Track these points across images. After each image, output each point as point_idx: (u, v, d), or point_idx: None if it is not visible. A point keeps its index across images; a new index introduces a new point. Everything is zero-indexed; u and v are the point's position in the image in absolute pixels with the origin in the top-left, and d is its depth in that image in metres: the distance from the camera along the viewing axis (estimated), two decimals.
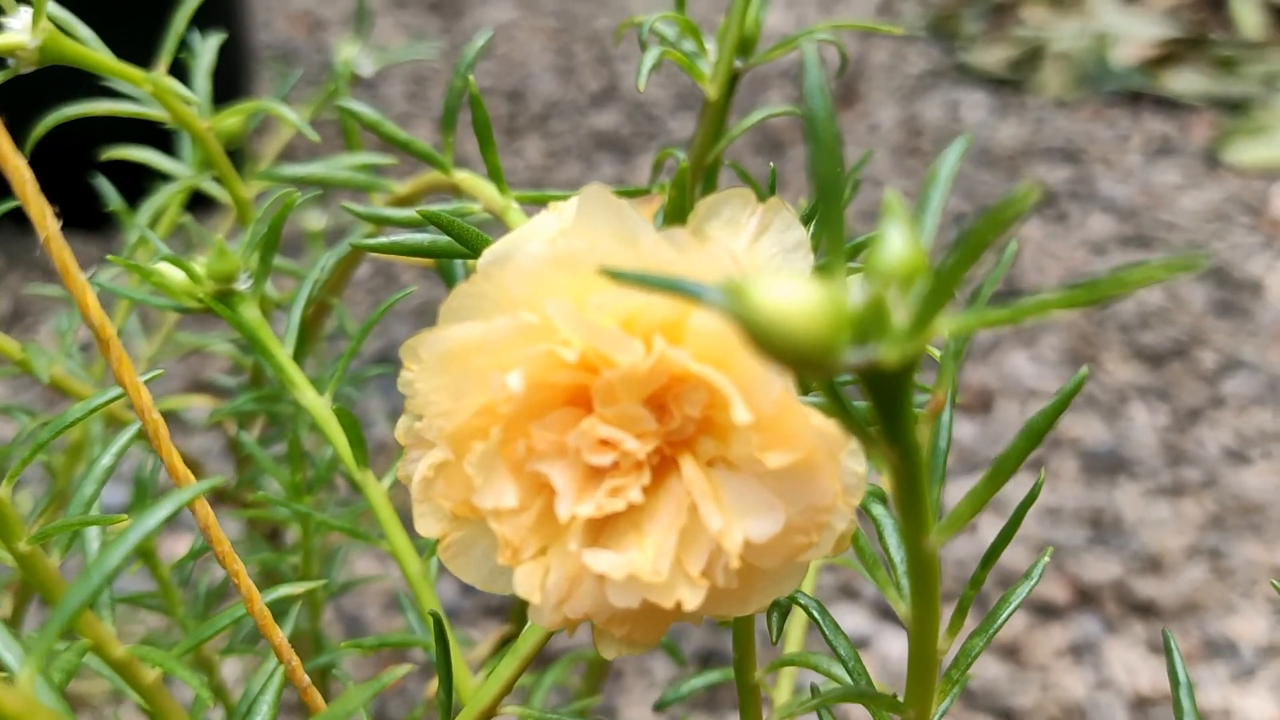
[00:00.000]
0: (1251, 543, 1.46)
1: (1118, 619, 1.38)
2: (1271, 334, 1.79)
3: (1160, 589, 1.41)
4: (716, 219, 0.33)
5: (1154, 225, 2.04)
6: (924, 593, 0.30)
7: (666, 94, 2.52)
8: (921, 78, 2.57)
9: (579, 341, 0.30)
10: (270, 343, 0.48)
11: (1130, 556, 1.45)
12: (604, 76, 2.61)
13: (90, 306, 0.31)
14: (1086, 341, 1.80)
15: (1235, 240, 1.99)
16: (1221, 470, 1.57)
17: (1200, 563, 1.44)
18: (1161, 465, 1.58)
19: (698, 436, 0.32)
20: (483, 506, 0.31)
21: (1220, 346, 1.77)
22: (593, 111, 2.46)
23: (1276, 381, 1.70)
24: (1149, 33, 2.48)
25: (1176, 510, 1.51)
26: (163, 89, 0.52)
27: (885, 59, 2.63)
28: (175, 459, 0.35)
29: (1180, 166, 2.18)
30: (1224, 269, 1.92)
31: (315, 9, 2.91)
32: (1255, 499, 1.52)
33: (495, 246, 0.33)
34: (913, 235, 0.24)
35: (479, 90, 0.47)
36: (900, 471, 0.27)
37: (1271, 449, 1.59)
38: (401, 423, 0.34)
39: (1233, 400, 1.68)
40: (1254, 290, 1.88)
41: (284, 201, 0.46)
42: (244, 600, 0.37)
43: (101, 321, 0.32)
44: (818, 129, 0.24)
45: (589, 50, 2.72)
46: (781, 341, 0.23)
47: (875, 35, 2.72)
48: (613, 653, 0.33)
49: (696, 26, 0.52)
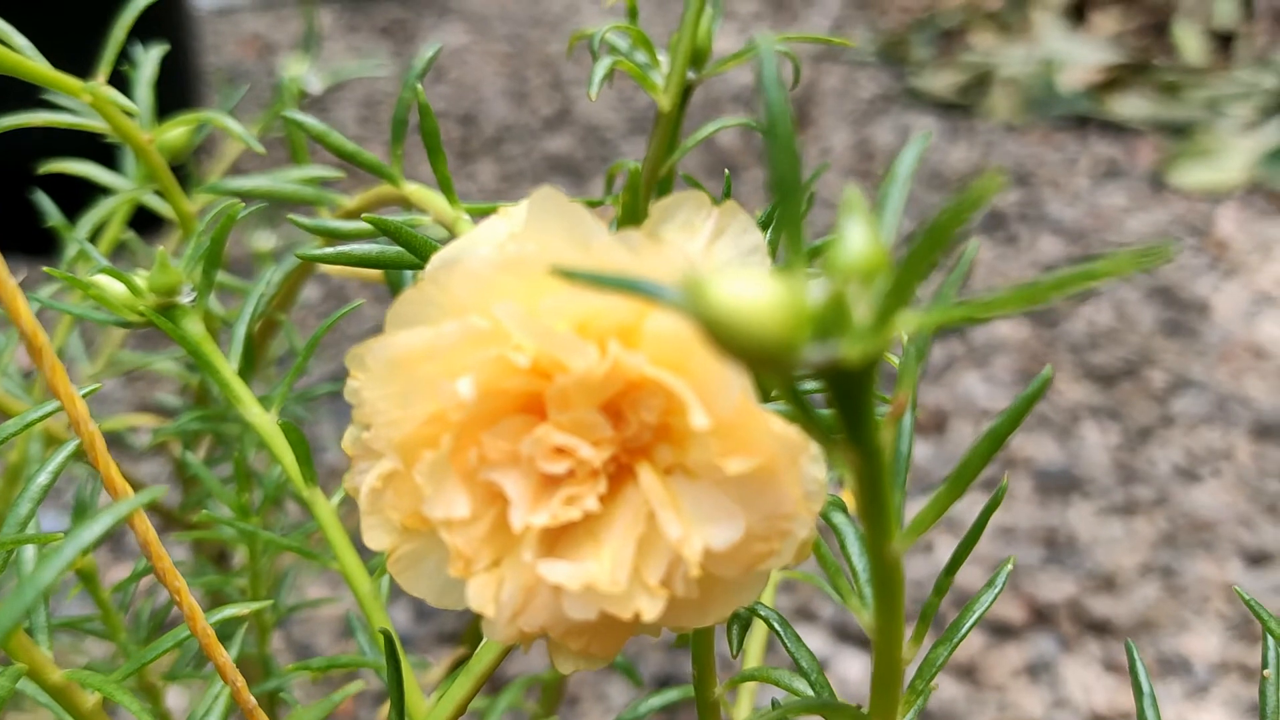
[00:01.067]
0: (1203, 560, 1.47)
1: (1073, 638, 1.38)
2: (1219, 353, 1.81)
3: (1115, 607, 1.41)
4: (671, 222, 0.32)
5: (1102, 246, 2.06)
6: (887, 600, 0.29)
7: (619, 117, 2.52)
8: (873, 102, 2.58)
9: (531, 346, 0.29)
10: (214, 357, 0.47)
11: (1085, 575, 1.45)
12: (556, 101, 2.61)
13: (21, 313, 0.30)
14: (1038, 362, 1.81)
15: (1182, 261, 2.01)
16: (1172, 488, 1.58)
17: (1153, 580, 1.44)
18: (1114, 484, 1.58)
19: (655, 444, 0.31)
20: (433, 517, 0.30)
21: (1169, 366, 1.79)
22: (545, 135, 2.45)
23: (1225, 400, 1.71)
24: (1094, 58, 2.51)
25: (1129, 529, 1.52)
26: (102, 99, 0.51)
27: (837, 84, 2.65)
28: (113, 471, 0.34)
29: (1127, 189, 2.20)
30: (1171, 289, 1.94)
31: (265, 32, 2.89)
32: (1206, 517, 1.53)
33: (443, 252, 0.32)
34: (873, 232, 0.24)
35: (433, 112, 0.46)
36: (863, 474, 0.26)
37: (1221, 467, 1.61)
38: (348, 433, 0.33)
39: (1182, 419, 1.69)
40: (1201, 310, 1.89)
41: (227, 213, 0.45)
42: (186, 619, 0.35)
43: (33, 329, 0.31)
44: (775, 124, 0.23)
45: (541, 75, 2.72)
46: (741, 338, 0.22)
47: (827, 61, 2.74)
48: (569, 667, 0.32)
49: (649, 39, 0.52)
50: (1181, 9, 2.60)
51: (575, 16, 3.04)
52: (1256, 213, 2.11)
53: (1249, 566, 1.46)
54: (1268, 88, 2.32)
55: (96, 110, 0.52)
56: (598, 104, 2.59)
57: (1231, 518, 1.52)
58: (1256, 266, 1.98)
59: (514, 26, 2.97)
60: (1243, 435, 1.65)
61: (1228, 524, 1.52)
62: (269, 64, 2.71)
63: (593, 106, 2.57)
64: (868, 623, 0.32)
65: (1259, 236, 2.05)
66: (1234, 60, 2.47)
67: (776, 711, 0.33)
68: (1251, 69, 2.40)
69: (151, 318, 0.45)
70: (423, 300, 0.30)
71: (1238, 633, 1.37)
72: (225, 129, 0.55)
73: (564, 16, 3.04)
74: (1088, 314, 1.90)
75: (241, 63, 2.71)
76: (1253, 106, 2.30)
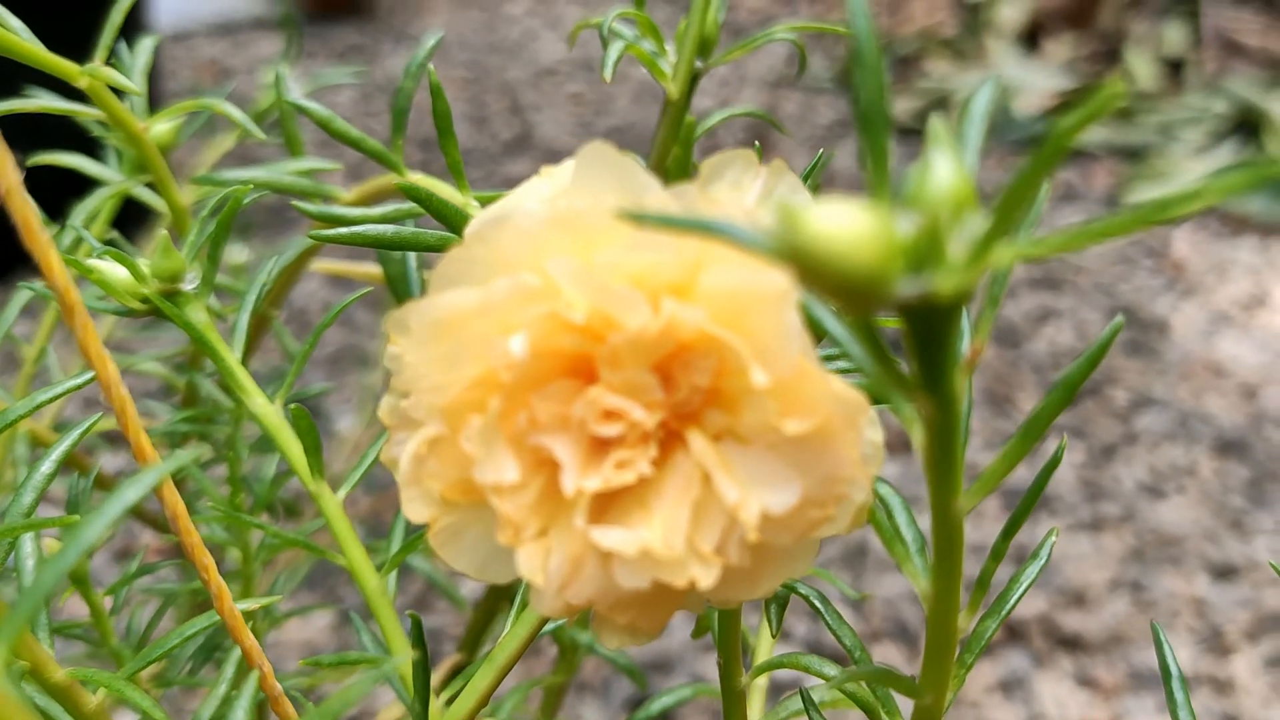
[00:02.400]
0: (1170, 574, 1.47)
1: (1045, 653, 1.38)
2: (1179, 371, 1.82)
3: (1085, 622, 1.41)
4: (720, 181, 0.31)
5: (1062, 269, 2.07)
6: (948, 562, 0.29)
7: (579, 142, 2.51)
8: (831, 128, 2.60)
9: (585, 303, 0.28)
10: (219, 346, 0.45)
11: (1055, 591, 1.45)
12: (516, 126, 2.60)
13: (54, 268, 0.29)
14: (1002, 381, 1.82)
15: (1140, 282, 2.04)
16: (1138, 504, 1.58)
17: (1122, 595, 1.45)
18: (1081, 501, 1.59)
19: (704, 409, 0.30)
20: (483, 482, 0.29)
21: (1131, 385, 1.80)
22: (506, 160, 2.45)
23: (1186, 417, 1.73)
24: (1048, 84, 2.54)
25: (1097, 544, 1.52)
26: (101, 82, 0.49)
27: (795, 110, 2.66)
28: (143, 439, 0.33)
29: (1084, 212, 2.23)
30: (1131, 310, 1.96)
31: (221, 57, 2.87)
32: (1172, 532, 1.53)
33: (486, 212, 0.31)
34: (959, 164, 0.23)
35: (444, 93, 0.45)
36: (937, 424, 0.25)
37: (1184, 483, 1.62)
38: (385, 402, 0.32)
39: (1145, 436, 1.70)
40: (1161, 330, 1.91)
41: (234, 196, 0.44)
42: (214, 599, 0.34)
43: (66, 285, 0.29)
44: (863, 53, 0.23)
45: (501, 100, 2.72)
46: (834, 270, 0.22)
47: (785, 87, 2.76)
48: (615, 642, 0.31)
49: (656, 26, 0.51)
50: (1132, 36, 2.64)
51: (533, 43, 3.04)
52: (1211, 234, 2.14)
53: (1216, 580, 1.47)
54: (1218, 113, 2.36)
55: (92, 96, 0.50)
56: (558, 128, 2.59)
57: (1197, 533, 1.53)
58: (1213, 287, 2.01)
59: (472, 53, 2.97)
60: (1205, 452, 1.67)
61: (1194, 539, 1.53)
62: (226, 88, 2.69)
63: (553, 131, 2.57)
64: (924, 589, 0.31)
65: (1214, 257, 2.08)
66: (1185, 86, 2.51)
67: (843, 675, 0.32)
68: (1202, 94, 2.44)
69: (157, 303, 0.44)
70: (469, 259, 0.29)
71: (1207, 646, 1.38)
72: (224, 114, 0.54)
73: (521, 43, 3.04)
74: (1049, 335, 1.92)
75: (198, 87, 2.68)
76: (1204, 131, 2.33)
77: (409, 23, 3.14)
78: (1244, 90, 2.41)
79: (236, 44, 2.94)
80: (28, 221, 0.28)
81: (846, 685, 0.36)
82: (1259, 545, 1.51)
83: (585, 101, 2.70)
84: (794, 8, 3.19)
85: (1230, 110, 2.36)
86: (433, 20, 3.17)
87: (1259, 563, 1.49)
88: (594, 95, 2.74)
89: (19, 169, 0.28)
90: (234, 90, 1.00)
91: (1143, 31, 2.65)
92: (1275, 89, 2.41)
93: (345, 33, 3.04)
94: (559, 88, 2.77)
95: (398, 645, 0.46)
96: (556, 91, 2.75)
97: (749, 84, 2.76)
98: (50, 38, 0.50)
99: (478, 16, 3.18)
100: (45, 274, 0.29)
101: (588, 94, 2.73)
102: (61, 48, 0.51)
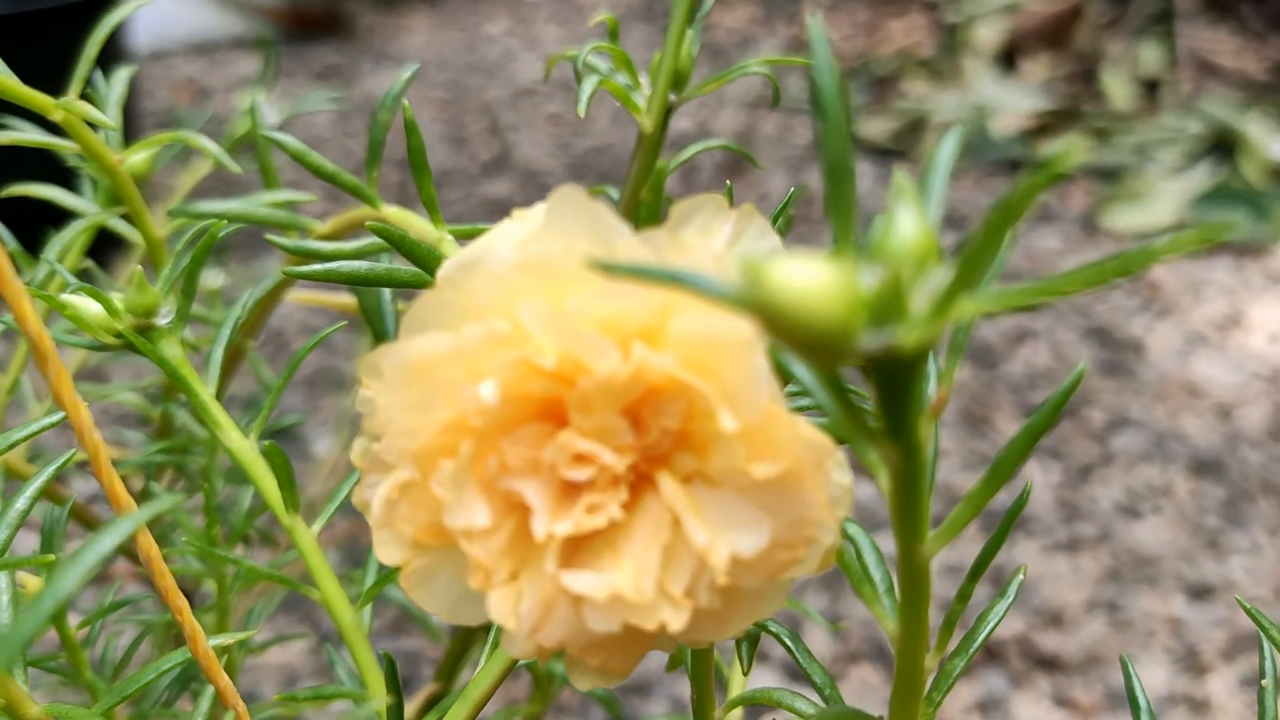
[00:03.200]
0: (1147, 595, 1.48)
1: (1023, 674, 1.39)
2: (1155, 392, 1.83)
3: (1062, 643, 1.42)
4: (689, 225, 0.32)
5: None
6: (915, 604, 0.29)
7: (558, 163, 2.53)
8: (808, 148, 2.61)
9: (555, 347, 0.29)
10: (193, 381, 0.45)
11: (1032, 611, 1.46)
12: (495, 146, 2.60)
13: (27, 315, 0.29)
14: (979, 403, 1.83)
15: (1116, 303, 2.05)
16: (1115, 525, 1.59)
17: (1099, 616, 1.45)
18: (1057, 521, 1.60)
19: (674, 452, 0.30)
20: (453, 526, 0.29)
21: (1107, 405, 1.81)
22: (484, 180, 2.45)
23: (1162, 438, 1.74)
24: (1025, 105, 2.56)
25: (1074, 565, 1.53)
26: (76, 116, 0.49)
27: (773, 130, 2.68)
28: (117, 484, 0.33)
29: (1060, 232, 2.24)
30: (1107, 330, 1.97)
31: (199, 77, 2.87)
32: (1148, 552, 1.54)
33: (458, 255, 0.32)
34: (922, 218, 0.24)
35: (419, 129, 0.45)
36: (901, 472, 0.26)
37: (1160, 503, 1.63)
38: (357, 445, 0.32)
39: (1122, 457, 1.71)
40: (1136, 350, 1.93)
41: (209, 231, 0.44)
42: (188, 640, 0.34)
43: (39, 331, 0.29)
44: (826, 105, 0.23)
45: (479, 121, 2.72)
46: (798, 323, 0.22)
47: (763, 108, 2.77)
48: (587, 683, 0.32)
49: (630, 60, 0.52)
50: (1108, 57, 2.66)
51: (511, 63, 3.05)
52: (1186, 255, 2.15)
53: (1192, 600, 1.47)
54: (1193, 133, 2.38)
55: (67, 129, 0.50)
56: (537, 149, 2.59)
57: (1173, 553, 1.54)
58: (1188, 307, 2.02)
59: (451, 73, 2.97)
60: (1181, 472, 1.68)
61: (1169, 559, 1.53)
62: (204, 109, 2.68)
63: (532, 151, 2.58)
64: (892, 630, 0.31)
65: (1189, 278, 2.09)
66: (1160, 107, 2.53)
67: (812, 717, 0.32)
68: (1177, 115, 2.46)
69: (130, 338, 0.44)
70: (440, 304, 0.30)
71: (1184, 665, 1.38)
72: (200, 148, 0.54)
73: (500, 63, 3.04)
74: (1026, 355, 1.93)
75: (175, 108, 2.68)
76: (1179, 151, 2.35)
77: (388, 42, 3.14)
78: (1219, 111, 2.43)
79: (214, 64, 2.94)
80: (1, 268, 0.28)
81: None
82: (1234, 565, 1.52)
83: (564, 122, 2.71)
84: (772, 27, 3.21)
85: (1205, 131, 2.38)
86: (412, 40, 3.17)
87: (1235, 582, 1.50)
88: (572, 116, 2.75)
89: None
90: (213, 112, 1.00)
91: (1119, 52, 2.68)
92: (1250, 109, 2.44)
93: (324, 52, 3.04)
94: (537, 108, 2.77)
95: (372, 678, 0.46)
96: (535, 112, 2.76)
97: (727, 105, 2.77)
98: (20, 64, 0.50)
99: (457, 36, 3.19)
100: (19, 320, 0.29)
101: (566, 114, 2.74)
102: (33, 72, 0.51)
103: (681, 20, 0.52)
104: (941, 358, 0.31)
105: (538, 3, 3.42)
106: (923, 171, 0.25)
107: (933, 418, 0.26)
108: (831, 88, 0.23)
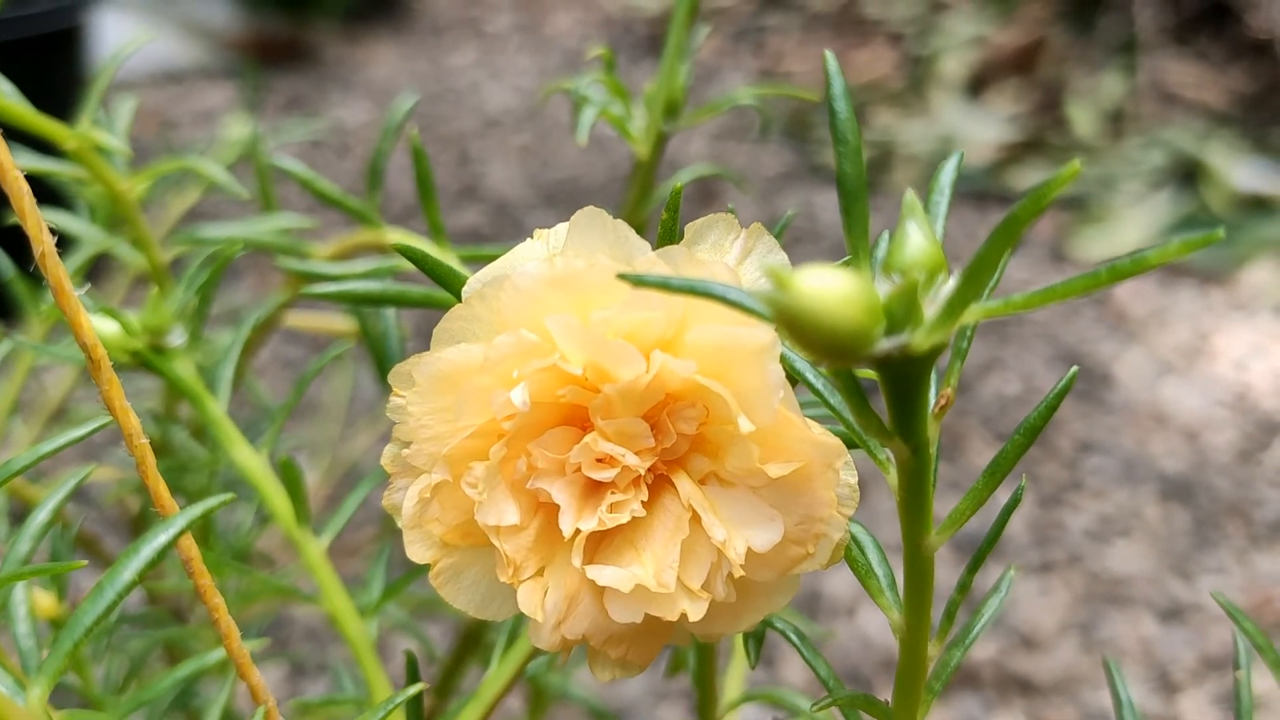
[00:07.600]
0: (1118, 617, 1.50)
1: (997, 697, 1.40)
2: (1123, 418, 1.87)
3: (1036, 665, 1.44)
4: (703, 243, 0.33)
5: (1006, 318, 2.12)
6: (919, 595, 0.31)
7: (527, 193, 2.55)
8: (777, 179, 2.64)
9: (581, 356, 0.30)
10: (205, 398, 0.47)
11: (1005, 634, 1.48)
12: (463, 177, 2.62)
13: (83, 325, 0.31)
14: (950, 432, 1.85)
15: (1084, 330, 2.08)
16: (1085, 549, 1.62)
17: (1072, 638, 1.48)
18: (1029, 545, 1.62)
19: (690, 454, 0.32)
20: (485, 523, 0.31)
21: (1076, 432, 1.84)
22: (453, 211, 2.47)
23: (1131, 463, 1.77)
24: (991, 135, 2.61)
25: (1046, 588, 1.55)
26: (88, 144, 0.51)
27: (743, 161, 2.71)
28: (161, 487, 0.34)
29: (1028, 261, 2.28)
30: (1076, 358, 2.00)
31: (165, 107, 2.87)
32: (1118, 574, 1.57)
33: (483, 272, 0.33)
34: (931, 233, 0.25)
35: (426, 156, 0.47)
36: (910, 468, 0.28)
37: (1130, 526, 1.65)
38: (388, 450, 0.34)
39: (1091, 482, 1.74)
40: (1105, 377, 1.96)
41: (222, 254, 0.46)
42: (223, 638, 0.35)
43: (93, 341, 0.31)
44: (842, 131, 0.25)
45: (448, 151, 2.74)
46: (822, 329, 0.24)
47: (733, 139, 2.80)
48: (607, 675, 0.33)
49: (625, 90, 0.54)
50: (1072, 88, 2.71)
51: (477, 93, 3.07)
52: (1152, 282, 2.19)
53: (1162, 622, 1.50)
54: (1156, 164, 2.43)
55: (78, 157, 0.52)
56: (506, 179, 2.61)
57: (1143, 576, 1.57)
58: (1155, 334, 2.06)
59: (419, 104, 2.99)
60: (1150, 496, 1.71)
61: (1140, 582, 1.56)
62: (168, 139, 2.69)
63: (500, 182, 2.60)
64: (896, 621, 0.33)
65: (1155, 305, 2.13)
66: (1124, 136, 2.58)
67: (824, 700, 0.34)
68: (1140, 144, 2.51)
69: (147, 357, 0.45)
70: (470, 317, 0.31)
71: (1155, 686, 1.41)
72: (203, 174, 0.55)
73: (467, 93, 3.07)
74: (995, 384, 1.96)
75: (140, 138, 2.68)
76: (1142, 181, 2.40)
77: (354, 72, 3.16)
78: (1181, 140, 2.48)
79: (180, 94, 2.95)
80: (59, 283, 0.30)
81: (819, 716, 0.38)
82: (1203, 587, 1.55)
83: (533, 152, 2.73)
84: (738, 59, 3.24)
85: (1168, 160, 2.43)
86: (378, 70, 3.19)
87: (1204, 604, 1.52)
88: (540, 146, 2.77)
89: (50, 232, 0.30)
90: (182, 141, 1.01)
91: (1083, 83, 2.73)
92: (1210, 139, 2.49)
93: (291, 82, 3.05)
94: (506, 139, 2.80)
95: (380, 689, 0.48)
96: (503, 143, 2.78)
97: (697, 136, 2.80)
98: None
99: (424, 67, 3.21)
100: (75, 331, 0.31)
101: (534, 145, 2.76)
102: None
103: (675, 52, 0.54)
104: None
105: (504, 34, 3.44)
106: (928, 192, 0.27)
107: (940, 415, 0.28)
108: (848, 117, 0.25)
